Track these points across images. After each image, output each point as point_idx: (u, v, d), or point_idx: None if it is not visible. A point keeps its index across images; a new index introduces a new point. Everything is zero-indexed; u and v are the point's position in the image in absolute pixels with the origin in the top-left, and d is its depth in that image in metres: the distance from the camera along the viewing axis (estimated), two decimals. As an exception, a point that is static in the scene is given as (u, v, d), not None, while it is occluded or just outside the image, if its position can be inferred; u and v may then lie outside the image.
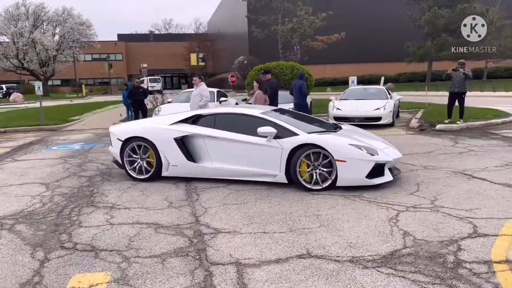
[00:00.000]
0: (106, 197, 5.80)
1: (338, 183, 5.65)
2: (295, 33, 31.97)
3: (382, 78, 23.46)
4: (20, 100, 38.56)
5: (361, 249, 3.77)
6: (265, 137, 5.92)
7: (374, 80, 36.32)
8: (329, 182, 5.67)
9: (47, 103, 29.69)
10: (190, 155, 6.42)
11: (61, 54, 52.09)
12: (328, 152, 5.62)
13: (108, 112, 23.00)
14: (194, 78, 10.53)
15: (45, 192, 6.17)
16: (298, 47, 33.91)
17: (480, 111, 14.22)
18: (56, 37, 52.88)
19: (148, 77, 53.27)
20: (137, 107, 14.78)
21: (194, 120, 6.64)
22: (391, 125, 12.84)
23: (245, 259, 3.64)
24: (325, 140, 5.76)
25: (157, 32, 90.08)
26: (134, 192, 6.01)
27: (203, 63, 55.93)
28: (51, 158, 9.10)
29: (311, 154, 5.71)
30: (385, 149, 6.08)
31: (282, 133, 5.93)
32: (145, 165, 6.63)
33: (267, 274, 3.35)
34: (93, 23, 55.32)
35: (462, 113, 11.90)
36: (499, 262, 3.41)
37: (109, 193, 6.01)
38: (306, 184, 5.73)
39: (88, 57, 65.10)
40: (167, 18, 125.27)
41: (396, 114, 14.39)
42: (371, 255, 3.64)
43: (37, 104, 19.11)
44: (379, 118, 12.64)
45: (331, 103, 14.03)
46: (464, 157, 7.73)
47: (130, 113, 16.51)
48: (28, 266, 3.66)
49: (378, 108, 12.86)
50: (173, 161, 6.46)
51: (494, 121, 12.34)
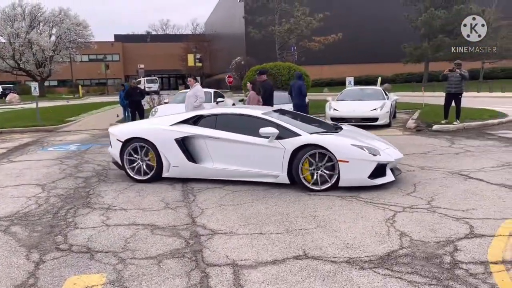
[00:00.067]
0: (102, 198, 5.78)
1: (341, 184, 5.65)
2: (292, 34, 31.99)
3: (379, 79, 23.47)
4: (17, 101, 38.42)
5: (358, 250, 3.77)
6: (267, 138, 5.90)
7: (371, 81, 36.38)
8: (332, 183, 5.67)
9: (44, 104, 29.58)
10: (191, 156, 6.39)
11: (58, 55, 51.84)
12: (331, 153, 5.62)
13: (105, 113, 22.93)
14: (189, 79, 10.52)
15: (41, 193, 6.14)
16: (295, 48, 33.94)
17: (477, 112, 14.26)
18: (53, 38, 52.63)
19: (145, 78, 53.11)
20: (134, 108, 14.75)
21: (195, 121, 6.61)
22: (388, 126, 12.86)
23: (242, 260, 3.63)
24: (328, 141, 5.75)
25: (154, 33, 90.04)
26: (131, 193, 5.99)
27: (200, 64, 55.82)
28: (47, 159, 9.07)
29: (314, 155, 5.70)
30: (387, 150, 6.09)
31: (284, 134, 5.92)
32: (146, 166, 6.59)
33: (264, 275, 3.34)
34: (90, 24, 55.43)
35: (459, 114, 11.94)
36: (496, 263, 3.42)
37: (105, 194, 5.98)
38: (309, 185, 5.73)
39: (85, 58, 64.88)
40: (164, 19, 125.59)
41: (393, 115, 14.42)
42: (368, 256, 3.63)
43: (34, 105, 19.04)
44: (376, 119, 12.67)
45: (328, 104, 14.05)
46: (461, 158, 7.75)
47: (127, 114, 16.47)
48: (23, 268, 3.63)
49: (375, 109, 12.89)
50: (174, 162, 6.43)
51: (491, 122, 12.38)
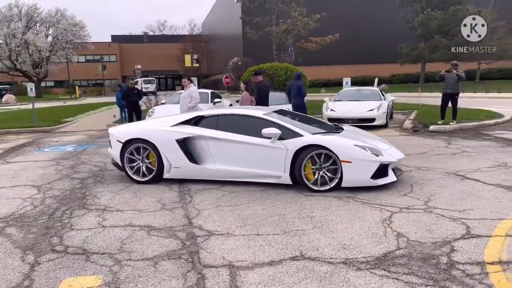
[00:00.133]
0: (99, 199, 5.76)
1: (343, 184, 5.65)
2: (289, 35, 31.97)
3: (376, 80, 23.50)
4: (13, 102, 38.26)
5: (355, 251, 3.76)
6: (269, 138, 5.89)
7: (368, 82, 36.43)
8: (334, 183, 5.67)
9: (40, 105, 29.47)
10: (192, 157, 6.36)
11: (54, 55, 51.68)
12: (334, 153, 5.61)
13: (102, 114, 22.88)
14: (183, 80, 10.51)
15: (37, 195, 6.11)
16: (292, 49, 33.94)
17: (473, 112, 14.31)
18: (49, 38, 52.47)
19: (142, 78, 53.03)
20: (131, 109, 14.70)
21: (196, 122, 6.57)
22: (385, 126, 12.88)
23: (238, 262, 3.62)
24: (331, 141, 5.74)
25: (151, 33, 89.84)
26: (127, 194, 5.97)
27: (197, 65, 55.74)
28: (43, 160, 9.03)
29: (316, 155, 5.69)
30: (388, 150, 6.10)
31: (286, 134, 5.90)
32: (146, 167, 6.54)
33: (260, 277, 3.33)
34: (87, 24, 54.97)
35: (455, 114, 11.97)
36: (492, 263, 3.42)
37: (102, 195, 5.96)
38: (311, 185, 5.72)
39: (82, 58, 64.63)
40: (161, 19, 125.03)
41: (390, 115, 14.44)
42: (365, 257, 3.63)
43: (30, 106, 18.95)
44: (373, 119, 12.69)
45: (325, 104, 14.06)
46: (457, 158, 7.76)
47: (124, 115, 16.44)
48: (18, 270, 3.61)
49: (372, 109, 12.91)
50: (175, 163, 6.39)
51: (487, 122, 12.42)
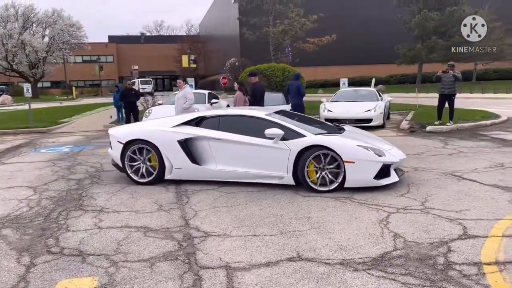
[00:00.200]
0: (95, 200, 5.73)
1: (346, 185, 5.65)
2: (287, 35, 31.97)
3: (373, 80, 23.52)
4: (9, 103, 38.08)
5: (352, 252, 3.76)
6: (272, 139, 5.88)
7: (365, 82, 36.47)
8: (337, 184, 5.67)
9: (37, 105, 29.36)
10: (194, 158, 6.33)
11: (51, 56, 51.51)
12: (337, 154, 5.61)
13: (98, 114, 22.81)
14: (178, 81, 10.50)
15: (33, 196, 6.08)
16: (290, 49, 33.95)
17: (470, 113, 14.34)
18: (46, 39, 52.30)
19: (139, 79, 52.93)
20: (129, 109, 14.66)
21: (198, 122, 6.55)
22: (382, 127, 12.90)
23: (235, 263, 3.61)
24: (334, 142, 5.74)
25: (148, 34, 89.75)
26: (124, 195, 5.95)
27: (195, 65, 55.74)
28: (40, 161, 8.99)
29: (319, 156, 5.69)
30: (390, 150, 6.11)
31: (289, 135, 5.89)
32: (147, 169, 6.49)
33: (257, 278, 3.32)
34: (84, 25, 54.99)
35: (452, 115, 12.00)
36: (489, 264, 3.42)
37: (98, 196, 5.93)
38: (314, 186, 5.71)
39: (79, 59, 64.44)
40: (159, 20, 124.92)
41: (387, 116, 14.47)
42: (362, 258, 3.63)
43: (26, 106, 18.90)
44: (370, 120, 12.71)
45: (322, 105, 14.07)
46: (454, 159, 7.77)
47: (121, 115, 16.40)
48: (14, 272, 3.59)
49: (369, 110, 12.93)
50: (177, 164, 6.35)
51: (483, 123, 12.46)
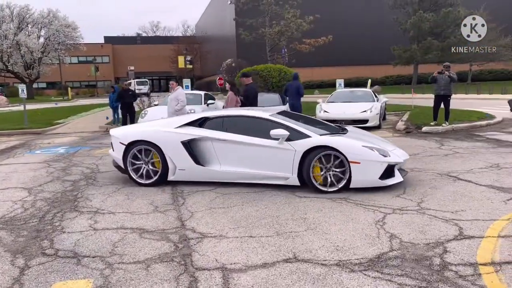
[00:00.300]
0: (90, 202, 5.70)
1: (352, 185, 5.65)
2: (283, 36, 31.99)
3: (369, 81, 23.60)
4: (4, 103, 37.87)
5: (348, 253, 3.75)
6: (277, 140, 5.86)
7: (361, 83, 36.57)
8: (343, 184, 5.67)
9: (32, 106, 29.22)
10: (197, 159, 6.29)
11: (47, 57, 51.33)
12: (342, 154, 5.61)
13: (94, 115, 22.73)
14: (171, 82, 10.47)
15: (27, 197, 6.04)
16: (286, 50, 33.97)
17: (465, 114, 14.40)
18: (41, 39, 52.09)
19: (135, 80, 52.79)
20: (126, 110, 14.61)
21: (201, 123, 6.52)
22: (378, 128, 12.91)
23: (231, 264, 3.59)
24: (339, 142, 5.74)
25: (145, 35, 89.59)
26: (119, 197, 5.92)
27: (191, 66, 55.66)
28: (35, 162, 8.93)
29: (325, 156, 5.69)
30: (394, 151, 6.13)
31: (294, 136, 5.89)
32: (151, 169, 6.44)
33: (253, 279, 3.31)
34: (79, 26, 54.88)
35: (448, 116, 12.04)
36: (485, 264, 3.42)
37: (93, 198, 5.90)
38: (320, 187, 5.71)
39: (74, 60, 64.12)
40: (155, 21, 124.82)
41: (383, 117, 14.50)
42: (358, 259, 3.62)
43: (22, 107, 18.79)
44: (366, 121, 12.72)
45: (319, 106, 14.09)
46: (450, 159, 7.79)
47: (117, 116, 16.35)
48: (8, 274, 3.56)
49: (365, 111, 12.95)
50: (180, 165, 6.31)
51: (479, 123, 12.51)
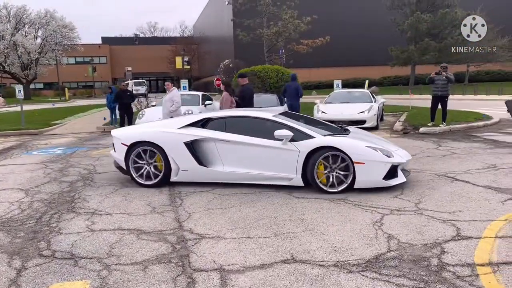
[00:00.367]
0: (88, 203, 5.68)
1: (356, 185, 5.66)
2: (280, 37, 31.99)
3: (367, 82, 23.68)
4: (1, 104, 37.71)
5: (346, 253, 3.75)
6: (280, 140, 5.86)
7: (359, 84, 36.65)
8: (347, 184, 5.68)
9: (29, 107, 29.16)
10: (200, 160, 6.27)
11: (44, 57, 51.21)
12: (346, 155, 5.62)
13: (92, 116, 22.68)
14: (167, 83, 10.44)
15: (24, 198, 6.01)
16: (283, 51, 33.99)
17: (462, 114, 14.44)
18: (38, 40, 52.01)
19: (133, 81, 52.71)
20: (124, 111, 14.56)
21: (203, 124, 6.50)
22: (376, 128, 12.92)
23: (229, 265, 3.59)
24: (343, 143, 5.75)
25: (142, 35, 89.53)
26: (117, 198, 5.90)
27: (188, 67, 55.63)
28: (31, 163, 8.90)
29: (329, 157, 5.69)
30: (397, 151, 6.15)
31: (297, 136, 5.89)
32: (153, 171, 6.41)
33: (251, 280, 3.30)
34: (77, 26, 54.65)
35: (445, 116, 12.06)
36: (482, 265, 3.43)
37: (91, 199, 5.88)
38: (324, 187, 5.71)
39: (72, 60, 64.09)
40: (152, 21, 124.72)
41: (380, 117, 14.52)
42: (356, 259, 3.62)
43: (19, 108, 18.75)
44: (364, 121, 12.73)
45: (316, 107, 14.10)
46: (447, 160, 7.81)
47: (114, 117, 16.31)
48: (5, 275, 3.54)
49: (363, 112, 12.97)
50: (183, 166, 6.29)
51: (476, 124, 12.54)
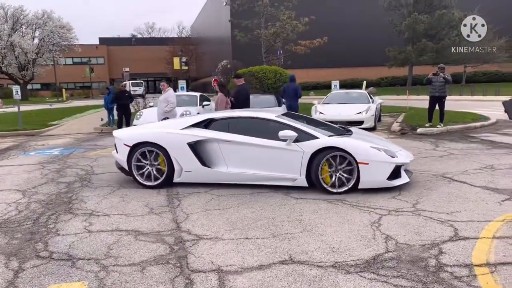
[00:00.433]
0: (85, 204, 5.67)
1: (360, 186, 5.67)
2: (278, 38, 31.99)
3: (364, 82, 23.73)
4: (-2, 105, 37.65)
5: (344, 254, 3.75)
6: (284, 141, 5.86)
7: (356, 84, 36.73)
8: (351, 185, 5.68)
9: (26, 108, 29.05)
10: (204, 160, 6.25)
11: (41, 58, 51.10)
12: (351, 155, 5.62)
13: (89, 117, 22.63)
14: (162, 84, 10.41)
15: (21, 199, 5.99)
16: (281, 52, 34.01)
17: (460, 115, 14.47)
18: (36, 41, 51.88)
19: (130, 81, 52.62)
20: (122, 111, 14.53)
21: (206, 124, 6.49)
22: (373, 129, 12.93)
23: (227, 266, 3.58)
24: (348, 143, 5.75)
25: (140, 36, 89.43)
26: (114, 198, 5.89)
27: (186, 67, 55.56)
28: (29, 164, 8.87)
29: (333, 157, 5.69)
30: (400, 151, 6.16)
31: (301, 137, 5.89)
32: (155, 172, 6.39)
33: (249, 281, 3.30)
34: (74, 27, 54.69)
35: (442, 117, 12.09)
36: (480, 265, 3.44)
37: (88, 200, 5.87)
38: (328, 187, 5.72)
39: (69, 61, 63.89)
40: (150, 22, 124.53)
41: (378, 118, 14.54)
42: (354, 260, 3.62)
43: (16, 109, 18.69)
44: (361, 122, 12.74)
45: (314, 107, 14.11)
46: (445, 161, 7.83)
47: (112, 118, 16.28)
48: (2, 277, 3.52)
49: (360, 112, 12.99)
50: (187, 167, 6.27)
51: (473, 125, 12.58)
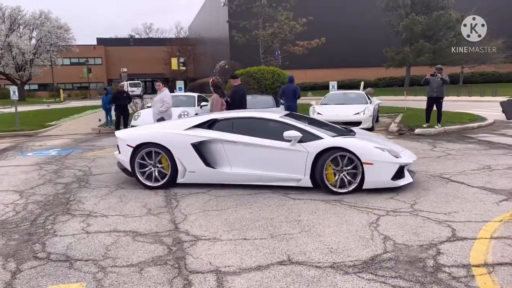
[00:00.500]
0: (83, 205, 5.65)
1: (365, 186, 5.69)
2: (276, 38, 32.00)
3: (362, 83, 23.71)
4: (-5, 105, 37.54)
5: (342, 255, 3.76)
6: (289, 141, 5.86)
7: (354, 85, 36.77)
8: (356, 185, 5.69)
9: (24, 108, 29.00)
10: (207, 161, 6.24)
11: (38, 58, 51.00)
12: (355, 156, 5.64)
13: (87, 117, 22.59)
14: (157, 84, 10.39)
15: (19, 200, 5.98)
16: (279, 52, 34.02)
17: (457, 116, 14.51)
18: (33, 41, 51.79)
19: (128, 82, 52.55)
20: (120, 112, 14.50)
21: (210, 125, 6.48)
22: (371, 130, 12.93)
23: (225, 267, 3.58)
24: (352, 144, 5.76)
25: (138, 36, 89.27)
26: (112, 199, 5.88)
27: (184, 68, 55.48)
28: (26, 165, 8.85)
29: (338, 158, 5.70)
30: (403, 152, 6.17)
31: (306, 137, 5.90)
32: (158, 173, 6.37)
33: (248, 282, 3.30)
34: (72, 27, 54.56)
35: (440, 118, 12.12)
36: (478, 266, 3.44)
37: (86, 200, 5.86)
38: (333, 188, 5.73)
39: (67, 61, 63.76)
40: (148, 23, 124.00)
41: (376, 119, 14.57)
42: (352, 261, 3.63)
43: (13, 109, 18.64)
44: (359, 123, 12.75)
45: (312, 108, 14.12)
46: (442, 161, 7.84)
47: (109, 118, 16.25)
48: (-1, 278, 3.52)
49: (358, 113, 13.00)
50: (190, 167, 6.25)
51: (470, 125, 12.61)
